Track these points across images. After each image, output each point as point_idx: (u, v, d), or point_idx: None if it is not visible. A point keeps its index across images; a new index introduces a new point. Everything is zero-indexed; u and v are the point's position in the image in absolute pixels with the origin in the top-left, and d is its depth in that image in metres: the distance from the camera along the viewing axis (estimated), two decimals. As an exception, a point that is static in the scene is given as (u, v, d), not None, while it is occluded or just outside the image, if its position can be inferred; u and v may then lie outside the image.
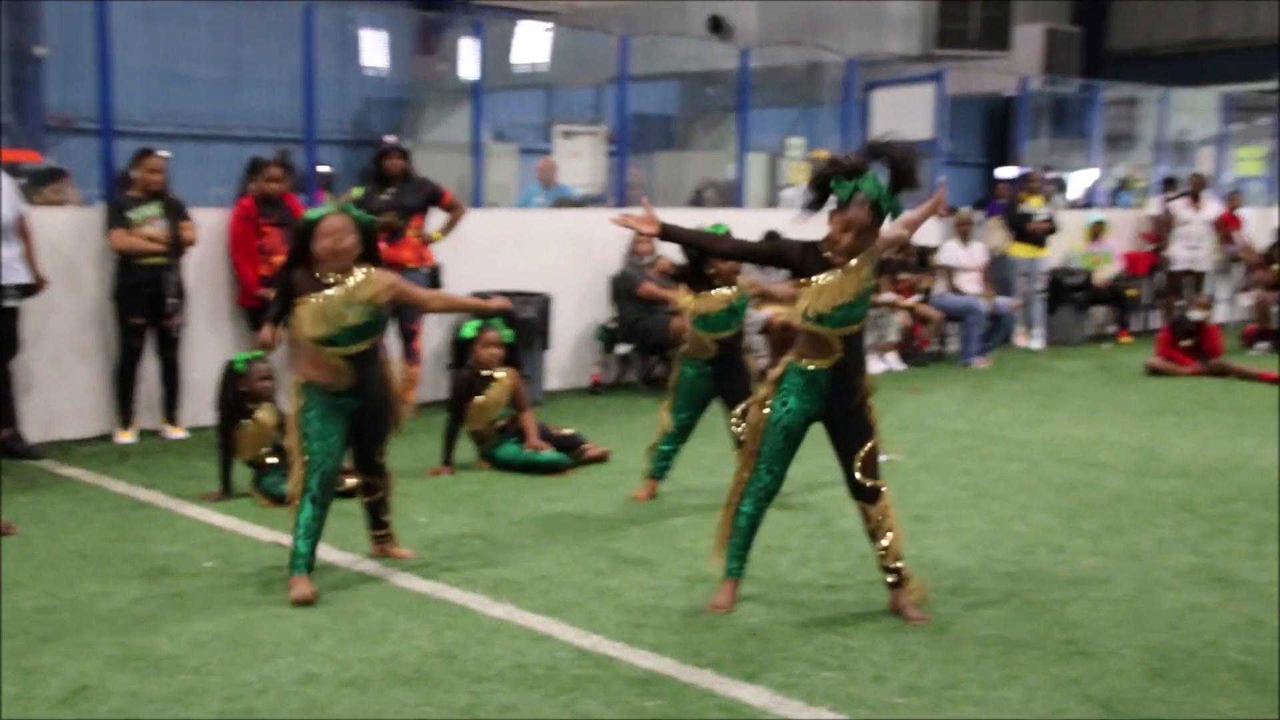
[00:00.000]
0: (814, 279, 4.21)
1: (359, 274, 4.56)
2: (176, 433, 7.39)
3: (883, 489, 4.35)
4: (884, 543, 4.35)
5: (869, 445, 4.33)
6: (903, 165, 4.10)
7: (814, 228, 4.35)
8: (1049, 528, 5.60)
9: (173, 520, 5.60)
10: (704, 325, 5.91)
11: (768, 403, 4.35)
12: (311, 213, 4.62)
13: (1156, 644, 4.15)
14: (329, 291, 4.51)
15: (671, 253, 7.05)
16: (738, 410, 5.46)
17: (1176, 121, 17.47)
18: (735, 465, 4.54)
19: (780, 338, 8.89)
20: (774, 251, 4.42)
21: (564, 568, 4.92)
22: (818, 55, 13.83)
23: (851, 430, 4.33)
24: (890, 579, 4.39)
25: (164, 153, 7.67)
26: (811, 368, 4.27)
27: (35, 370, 7.07)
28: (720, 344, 5.93)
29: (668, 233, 4.38)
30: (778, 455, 4.33)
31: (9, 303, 6.58)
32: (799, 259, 4.26)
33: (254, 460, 6.00)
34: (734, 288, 5.90)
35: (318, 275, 4.53)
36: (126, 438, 7.24)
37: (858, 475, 4.32)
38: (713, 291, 5.86)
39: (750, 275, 6.03)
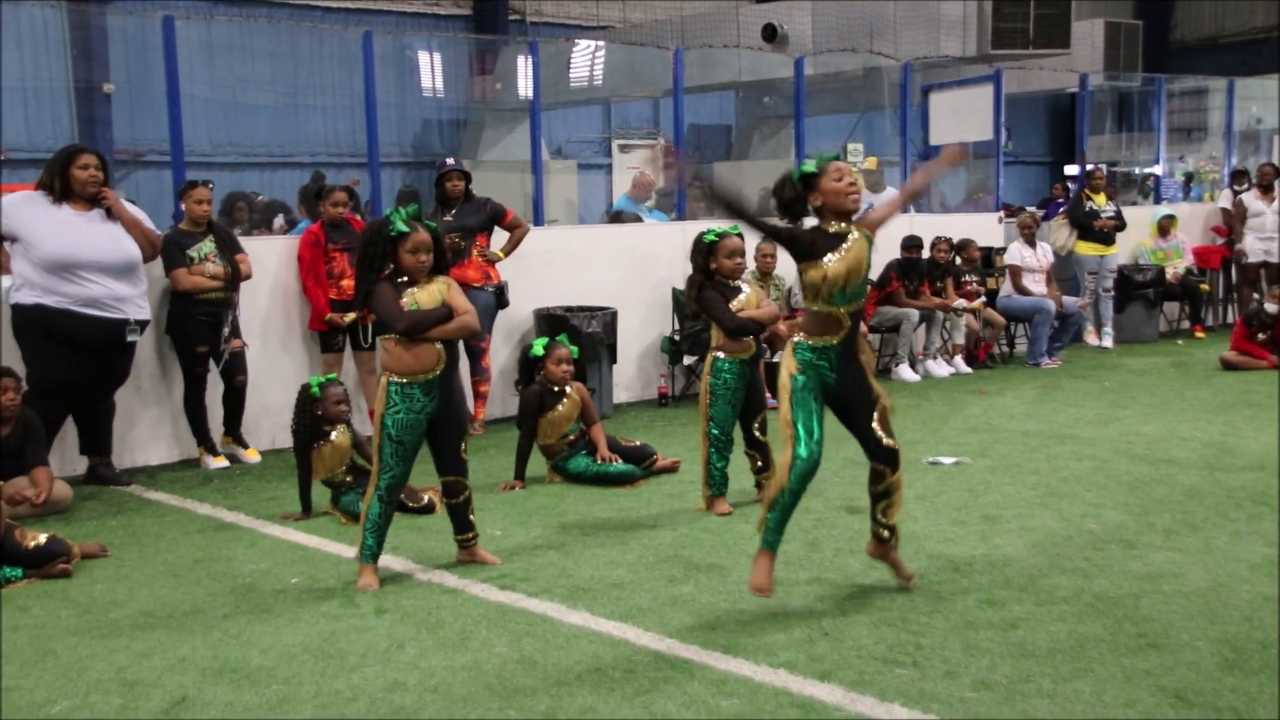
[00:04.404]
0: (825, 260, 4.43)
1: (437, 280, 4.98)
2: (251, 456, 7.57)
3: (900, 451, 4.58)
4: (892, 500, 4.61)
5: (881, 406, 4.57)
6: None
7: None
8: (1120, 524, 5.58)
9: (257, 539, 5.79)
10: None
11: (787, 374, 4.54)
12: (400, 224, 4.85)
13: (1230, 636, 4.14)
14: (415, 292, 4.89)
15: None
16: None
17: (1247, 111, 17.15)
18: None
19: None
20: (789, 236, 4.55)
21: (637, 575, 5.01)
22: (873, 60, 13.83)
23: (861, 398, 4.55)
24: (885, 533, 4.68)
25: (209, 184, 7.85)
26: (819, 344, 4.49)
27: (117, 400, 7.27)
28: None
29: (717, 192, 4.70)
30: (810, 418, 4.45)
31: (131, 338, 6.75)
32: (809, 242, 4.50)
33: (331, 480, 6.18)
34: (745, 290, 6.06)
35: (402, 280, 4.89)
36: (217, 463, 7.39)
37: (880, 436, 4.54)
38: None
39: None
